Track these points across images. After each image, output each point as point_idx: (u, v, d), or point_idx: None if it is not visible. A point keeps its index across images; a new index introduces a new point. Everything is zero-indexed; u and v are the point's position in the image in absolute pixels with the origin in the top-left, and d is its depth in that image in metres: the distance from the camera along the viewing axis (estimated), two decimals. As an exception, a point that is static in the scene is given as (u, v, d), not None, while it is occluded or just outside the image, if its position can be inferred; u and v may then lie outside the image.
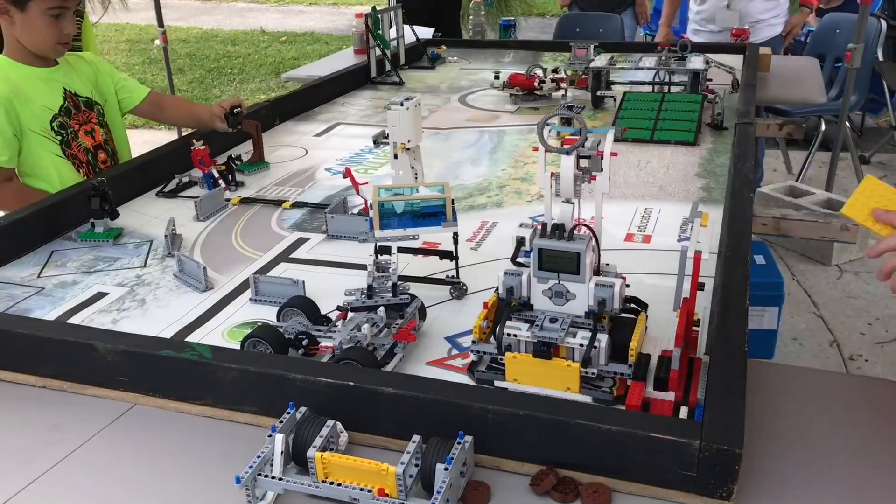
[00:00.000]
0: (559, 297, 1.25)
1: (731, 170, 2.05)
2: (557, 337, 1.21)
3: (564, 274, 1.23)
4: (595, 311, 1.23)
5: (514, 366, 1.25)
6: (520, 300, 1.27)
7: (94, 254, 1.83)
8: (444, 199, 1.50)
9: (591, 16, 5.05)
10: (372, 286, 1.39)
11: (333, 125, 2.79)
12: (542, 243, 1.23)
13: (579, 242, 1.22)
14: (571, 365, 1.21)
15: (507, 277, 1.27)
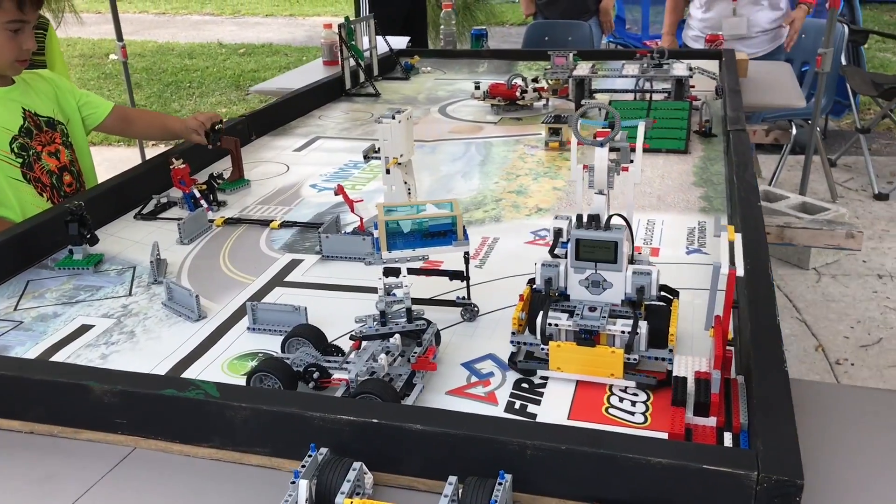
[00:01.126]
0: (596, 287, 1.29)
1: (731, 178, 2.01)
2: (599, 325, 1.24)
3: (601, 263, 1.27)
4: (633, 298, 1.26)
5: (557, 354, 1.28)
6: (556, 291, 1.30)
7: (74, 282, 1.72)
8: (454, 216, 1.42)
9: (560, 24, 5.03)
10: (384, 312, 1.31)
11: (313, 139, 2.70)
12: (579, 234, 1.26)
13: (616, 232, 1.26)
14: (616, 351, 1.25)
15: (544, 269, 1.30)
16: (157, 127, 2.45)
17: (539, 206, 2.02)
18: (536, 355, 1.32)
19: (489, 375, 1.32)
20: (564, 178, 2.22)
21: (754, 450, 1.00)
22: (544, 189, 2.14)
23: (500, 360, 1.36)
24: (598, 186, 1.34)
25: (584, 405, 1.23)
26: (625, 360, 1.24)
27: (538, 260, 1.31)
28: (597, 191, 1.34)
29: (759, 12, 4.24)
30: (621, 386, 1.28)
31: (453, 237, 1.44)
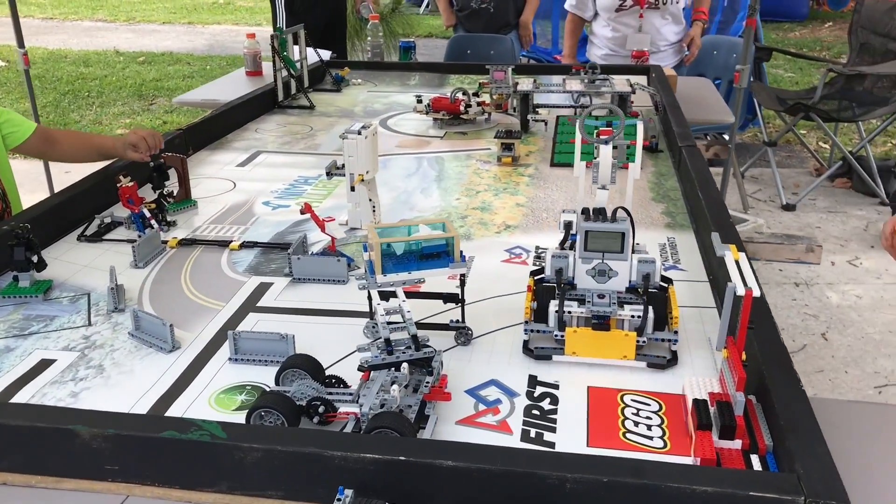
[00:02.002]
0: (602, 276, 1.38)
1: (693, 194, 2.04)
2: (611, 311, 1.33)
3: (608, 253, 1.36)
4: (638, 285, 1.36)
5: (573, 339, 1.36)
6: (564, 280, 1.38)
7: (24, 312, 1.58)
8: (450, 237, 1.37)
9: (482, 37, 5.03)
10: (389, 340, 1.25)
11: (254, 154, 2.59)
12: (588, 226, 1.35)
13: (622, 223, 1.36)
14: (629, 334, 1.34)
15: (555, 260, 1.39)
16: (85, 148, 2.28)
17: (507, 223, 1.99)
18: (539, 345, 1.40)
19: (497, 403, 1.27)
20: (524, 193, 2.20)
21: (795, 473, 1.00)
22: (507, 205, 2.11)
23: (504, 386, 1.32)
24: (601, 182, 1.43)
25: (600, 431, 1.21)
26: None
27: (548, 251, 1.41)
28: (600, 186, 1.43)
29: (665, 26, 4.35)
30: (634, 366, 1.36)
31: (449, 259, 1.38)
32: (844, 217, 4.97)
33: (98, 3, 14.09)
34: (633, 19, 4.36)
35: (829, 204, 5.14)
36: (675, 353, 1.38)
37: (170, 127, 6.63)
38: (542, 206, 2.10)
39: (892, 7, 5.09)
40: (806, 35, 11.03)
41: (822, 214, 4.95)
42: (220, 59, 9.56)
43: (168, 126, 6.66)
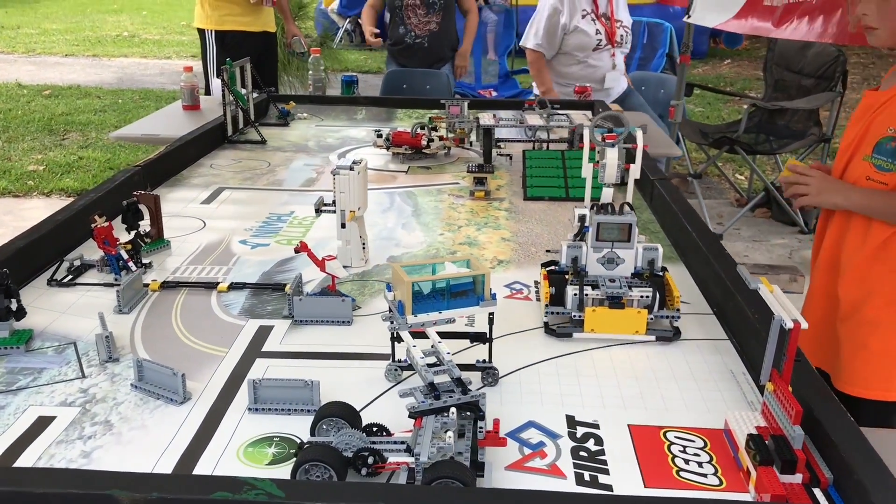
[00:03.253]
0: (610, 263, 1.60)
1: (672, 226, 2.06)
2: (623, 292, 1.55)
3: (617, 242, 1.59)
4: (643, 270, 1.59)
5: (592, 318, 1.55)
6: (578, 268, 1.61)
7: (6, 365, 1.45)
8: (480, 274, 1.34)
9: (418, 72, 5.04)
10: (434, 384, 1.20)
11: (216, 190, 2.50)
12: (601, 218, 1.58)
13: (629, 216, 1.59)
14: (641, 311, 1.55)
15: (570, 249, 1.62)
16: None
17: (498, 258, 1.97)
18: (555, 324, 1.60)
19: (541, 446, 1.24)
20: (506, 227, 2.18)
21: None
22: (493, 240, 2.09)
23: (544, 428, 1.28)
24: (608, 180, 1.60)
25: (653, 470, 1.19)
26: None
27: (564, 242, 1.64)
28: (606, 184, 1.61)
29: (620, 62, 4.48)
30: (644, 340, 1.55)
31: (478, 297, 1.35)
32: (769, 246, 5.17)
33: (-7, 35, 13.51)
34: (606, 57, 4.46)
35: (752, 233, 5.34)
36: (677, 328, 1.59)
37: (86, 163, 6.37)
38: (529, 241, 2.09)
39: (804, 46, 5.37)
40: (708, 72, 11.51)
41: (747, 243, 5.13)
42: (131, 92, 9.27)
43: (84, 162, 6.39)
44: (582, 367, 1.47)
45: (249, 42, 4.88)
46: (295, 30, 5.53)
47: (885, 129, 1.90)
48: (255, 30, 4.98)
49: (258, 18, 4.95)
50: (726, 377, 1.44)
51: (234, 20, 4.90)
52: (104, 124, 7.62)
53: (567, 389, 1.39)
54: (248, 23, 4.92)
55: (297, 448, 1.18)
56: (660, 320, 1.58)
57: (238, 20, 4.91)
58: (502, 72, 8.11)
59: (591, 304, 1.55)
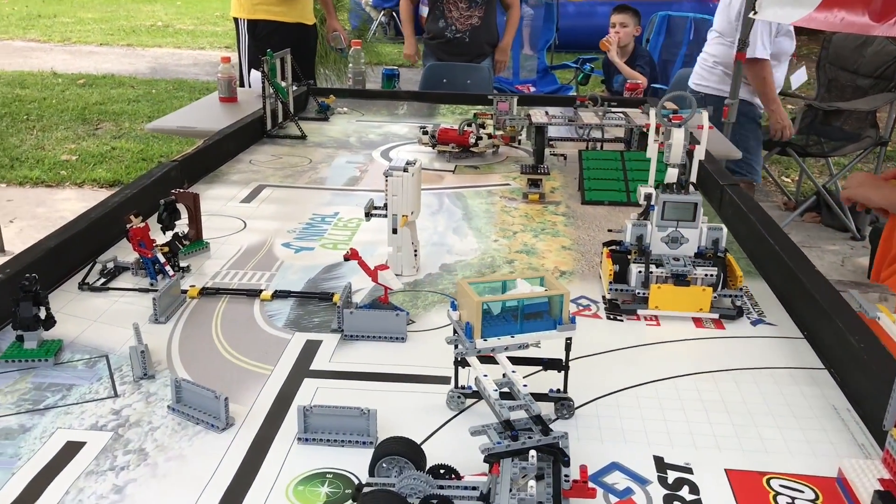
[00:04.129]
0: (674, 242, 1.62)
1: (747, 237, 1.91)
2: (688, 270, 1.57)
3: (682, 221, 1.60)
4: (707, 250, 1.61)
5: (657, 295, 1.58)
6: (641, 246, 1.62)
7: (33, 380, 1.33)
8: (559, 294, 1.19)
9: (458, 66, 4.89)
10: (510, 421, 1.06)
11: (257, 188, 2.37)
12: (667, 197, 1.59)
13: (695, 195, 1.60)
14: (706, 289, 1.56)
15: (635, 228, 1.64)
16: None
17: (559, 269, 1.82)
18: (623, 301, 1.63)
19: (629, 493, 1.09)
20: (566, 235, 2.03)
21: None
22: (552, 248, 1.94)
23: (630, 471, 1.14)
24: (673, 160, 1.58)
25: (760, 524, 1.04)
26: None
27: (628, 221, 1.65)
28: (672, 164, 1.58)
29: None
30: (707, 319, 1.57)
31: (555, 320, 1.20)
32: (820, 252, 4.97)
33: (29, 23, 13.55)
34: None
35: (802, 238, 5.13)
36: (739, 307, 1.60)
37: (119, 153, 6.31)
38: (591, 249, 1.93)
39: (862, 44, 5.15)
40: (749, 70, 11.25)
41: (798, 249, 4.93)
42: (165, 82, 9.21)
43: (117, 153, 6.33)
44: (665, 398, 1.32)
45: (282, 33, 4.71)
46: (336, 25, 5.36)
47: None
48: (288, 20, 4.77)
49: (292, 9, 4.77)
50: (829, 414, 1.28)
51: (266, 9, 4.73)
52: (137, 114, 7.55)
53: (652, 425, 1.24)
54: (280, 13, 4.74)
55: (355, 490, 1.05)
56: (722, 299, 1.60)
57: (270, 9, 4.73)
58: (541, 67, 7.93)
59: (655, 281, 1.57)
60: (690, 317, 1.59)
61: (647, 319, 1.58)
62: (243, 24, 4.87)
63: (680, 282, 1.57)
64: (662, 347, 1.49)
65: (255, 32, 4.81)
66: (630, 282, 1.61)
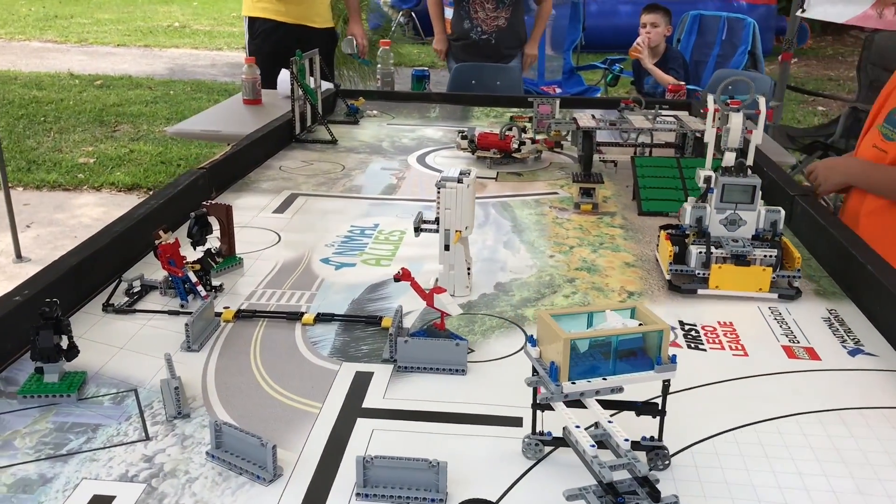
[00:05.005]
0: (732, 224, 1.65)
1: (828, 253, 1.74)
2: (747, 251, 1.61)
3: (741, 204, 1.64)
4: (765, 232, 1.65)
5: (717, 274, 1.62)
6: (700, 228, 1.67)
7: (54, 419, 1.19)
8: (657, 330, 1.03)
9: (488, 66, 4.73)
10: (613, 485, 0.90)
11: (289, 197, 2.22)
12: (726, 180, 1.63)
13: (754, 178, 1.64)
14: (766, 269, 1.60)
15: (694, 210, 1.67)
16: None
17: (626, 289, 1.67)
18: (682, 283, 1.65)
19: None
20: (627, 250, 1.88)
21: None
22: (615, 265, 1.79)
23: (744, 535, 0.97)
24: (731, 144, 1.63)
25: None
26: None
27: (686, 204, 1.69)
28: (730, 148, 1.63)
29: None
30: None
31: (651, 359, 1.05)
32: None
33: (46, 24, 13.51)
34: None
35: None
36: (797, 288, 1.63)
37: (138, 156, 6.19)
38: (658, 267, 1.77)
39: (906, 43, 4.95)
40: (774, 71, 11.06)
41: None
42: (182, 83, 9.11)
43: (135, 155, 6.21)
44: (769, 444, 1.16)
45: (279, 33, 4.49)
46: (356, 30, 5.07)
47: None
48: (287, 20, 4.53)
49: (294, 9, 4.51)
50: (963, 465, 1.12)
51: (263, 7, 4.52)
52: (156, 116, 7.45)
53: (758, 478, 1.08)
54: (277, 12, 4.51)
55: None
56: (781, 279, 1.63)
57: (268, 7, 4.51)
58: (566, 67, 7.76)
59: (714, 262, 1.61)
60: (780, 346, 1.43)
61: (732, 350, 1.42)
62: (245, 20, 4.70)
63: (740, 262, 1.61)
64: (754, 382, 1.33)
65: (253, 30, 4.63)
66: (689, 263, 1.65)
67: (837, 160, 2.23)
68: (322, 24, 4.64)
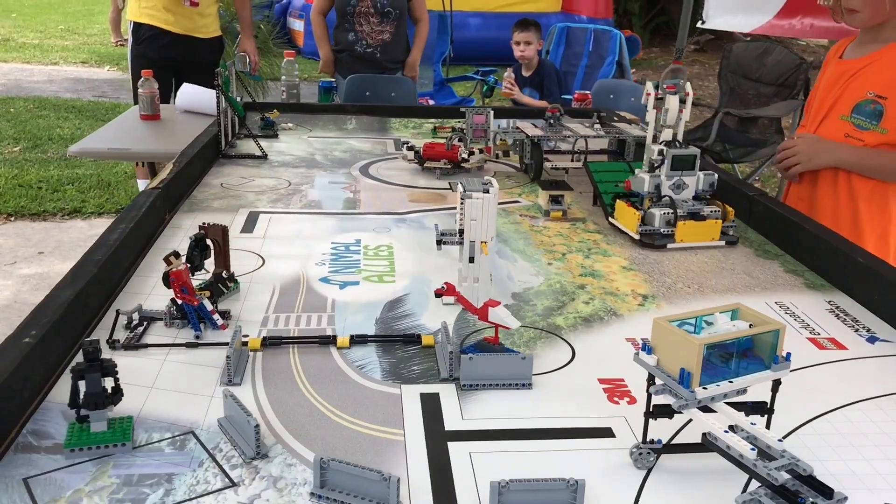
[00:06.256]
0: (678, 188, 1.95)
1: (803, 246, 1.84)
2: (700, 208, 1.95)
3: (685, 171, 1.94)
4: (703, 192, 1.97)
5: (682, 229, 1.93)
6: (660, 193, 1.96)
7: (117, 472, 1.05)
8: (773, 330, 1.05)
9: (381, 78, 4.68)
10: (787, 487, 0.90)
11: (250, 216, 2.10)
12: (674, 151, 1.92)
13: (694, 148, 1.95)
14: (717, 222, 1.95)
15: (652, 179, 1.94)
16: None
17: (638, 292, 1.69)
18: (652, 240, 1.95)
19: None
20: (618, 254, 1.90)
21: None
22: (614, 269, 1.81)
23: (875, 523, 1.00)
24: (669, 121, 1.94)
25: None
26: None
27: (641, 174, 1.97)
28: (668, 125, 1.94)
29: None
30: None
31: (763, 358, 1.06)
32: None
33: None
34: None
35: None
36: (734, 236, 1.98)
37: (-10, 179, 5.67)
38: (656, 269, 1.81)
39: (762, 53, 5.35)
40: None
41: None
42: (23, 101, 8.43)
43: (-14, 178, 5.68)
44: (847, 433, 1.20)
45: (164, 41, 4.31)
46: (248, 46, 4.82)
47: (864, 93, 2.20)
48: (173, 30, 4.34)
49: (181, 20, 4.32)
50: None
51: (150, 14, 4.30)
52: (1, 136, 6.86)
53: (856, 466, 1.12)
54: (164, 20, 4.31)
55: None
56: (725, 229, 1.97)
57: (154, 14, 4.30)
58: (437, 79, 7.83)
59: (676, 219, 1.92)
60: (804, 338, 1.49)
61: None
62: (130, 25, 4.44)
63: (697, 218, 1.93)
64: (798, 376, 1.37)
65: (138, 35, 4.39)
66: (654, 223, 1.93)
67: (817, 141, 2.30)
68: (209, 34, 4.44)
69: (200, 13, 4.33)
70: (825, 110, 2.32)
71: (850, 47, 2.38)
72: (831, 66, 2.40)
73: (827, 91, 2.34)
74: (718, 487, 1.04)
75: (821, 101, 2.36)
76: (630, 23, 13.58)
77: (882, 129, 2.17)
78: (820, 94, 2.38)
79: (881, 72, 2.19)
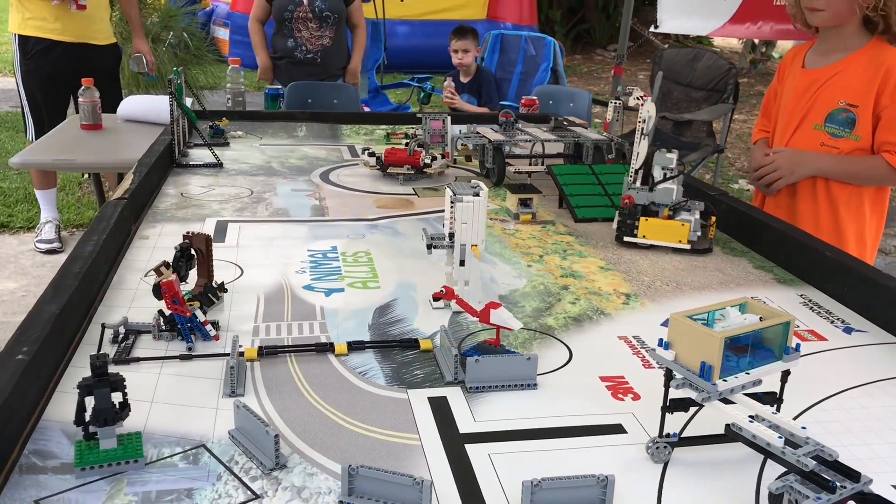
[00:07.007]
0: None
1: (771, 242, 1.91)
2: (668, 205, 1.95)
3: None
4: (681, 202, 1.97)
5: (645, 226, 1.94)
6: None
7: (131, 490, 1.02)
8: (784, 322, 1.08)
9: (323, 85, 4.64)
10: (816, 472, 0.93)
11: (219, 226, 2.05)
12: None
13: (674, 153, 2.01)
14: (685, 224, 1.92)
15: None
16: None
17: (619, 291, 1.72)
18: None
19: None
20: (592, 255, 1.93)
21: None
22: (592, 269, 1.84)
23: None
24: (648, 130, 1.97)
25: None
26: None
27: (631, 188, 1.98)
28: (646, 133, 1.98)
29: None
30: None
31: (772, 350, 1.09)
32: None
33: None
34: None
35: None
36: (711, 245, 1.98)
37: None
38: (633, 268, 1.85)
39: (693, 59, 5.51)
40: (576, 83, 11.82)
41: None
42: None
43: None
44: (845, 420, 1.25)
45: (58, 52, 4.19)
46: (141, 46, 4.70)
47: (835, 102, 2.26)
48: (66, 40, 4.20)
49: (74, 28, 4.19)
50: None
51: (38, 25, 4.16)
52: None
53: (860, 451, 1.16)
54: (55, 31, 4.17)
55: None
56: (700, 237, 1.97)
57: (43, 26, 4.17)
58: (372, 87, 7.80)
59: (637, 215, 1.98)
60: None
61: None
62: (15, 38, 4.27)
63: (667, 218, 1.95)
64: (789, 366, 1.42)
65: (26, 50, 4.22)
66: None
67: (795, 154, 2.33)
68: (104, 40, 4.31)
69: (91, 17, 4.18)
70: (797, 121, 2.35)
71: (810, 55, 2.39)
72: (793, 75, 2.42)
73: (796, 101, 2.36)
74: (734, 477, 1.07)
75: (791, 111, 2.38)
76: (552, 30, 13.80)
77: (856, 136, 2.22)
78: (788, 104, 2.39)
79: (850, 80, 2.23)
